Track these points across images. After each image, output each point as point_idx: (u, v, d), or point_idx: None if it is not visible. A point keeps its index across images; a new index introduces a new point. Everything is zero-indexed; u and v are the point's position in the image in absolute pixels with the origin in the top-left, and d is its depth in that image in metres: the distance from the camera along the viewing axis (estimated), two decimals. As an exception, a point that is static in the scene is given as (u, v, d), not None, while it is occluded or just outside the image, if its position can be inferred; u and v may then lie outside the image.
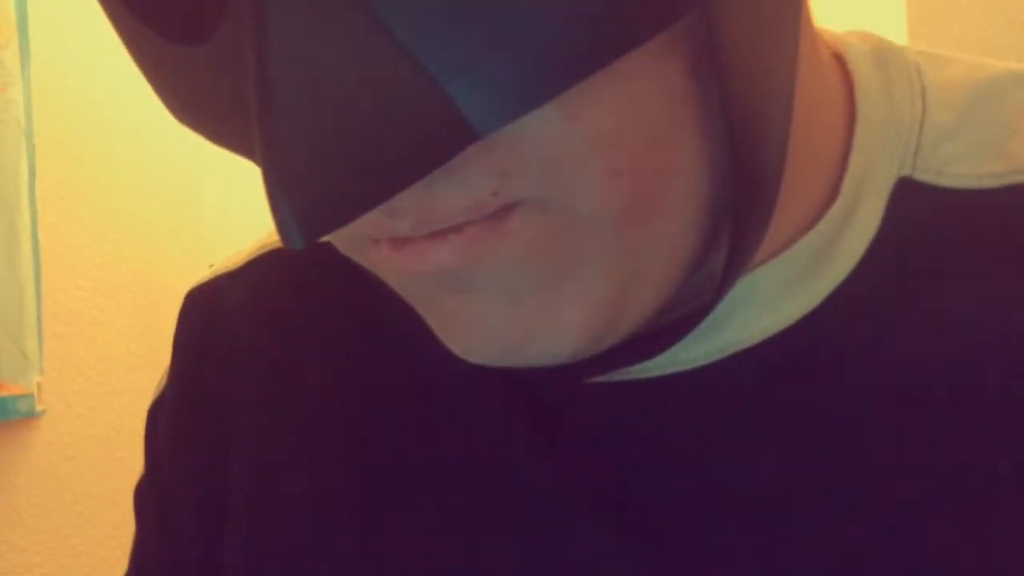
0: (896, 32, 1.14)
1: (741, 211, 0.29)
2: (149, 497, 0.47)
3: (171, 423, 0.45)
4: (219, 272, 0.46)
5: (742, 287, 0.33)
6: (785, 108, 0.29)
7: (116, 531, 1.42)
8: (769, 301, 0.34)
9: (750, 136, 0.28)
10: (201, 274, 0.48)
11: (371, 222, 0.27)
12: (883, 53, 0.36)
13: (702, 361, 0.34)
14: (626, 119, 0.26)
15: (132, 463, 0.47)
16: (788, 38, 0.29)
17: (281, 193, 0.23)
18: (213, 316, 0.45)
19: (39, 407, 1.35)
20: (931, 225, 0.34)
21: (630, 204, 0.27)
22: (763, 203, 0.30)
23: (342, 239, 0.31)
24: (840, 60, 0.36)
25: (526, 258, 0.28)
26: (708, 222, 0.30)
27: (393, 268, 0.29)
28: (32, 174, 1.35)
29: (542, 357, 0.30)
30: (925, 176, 0.35)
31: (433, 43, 0.23)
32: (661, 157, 0.27)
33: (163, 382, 0.47)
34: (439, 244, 0.27)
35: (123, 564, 0.49)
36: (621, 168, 0.26)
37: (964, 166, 0.35)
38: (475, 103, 0.23)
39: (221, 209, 1.54)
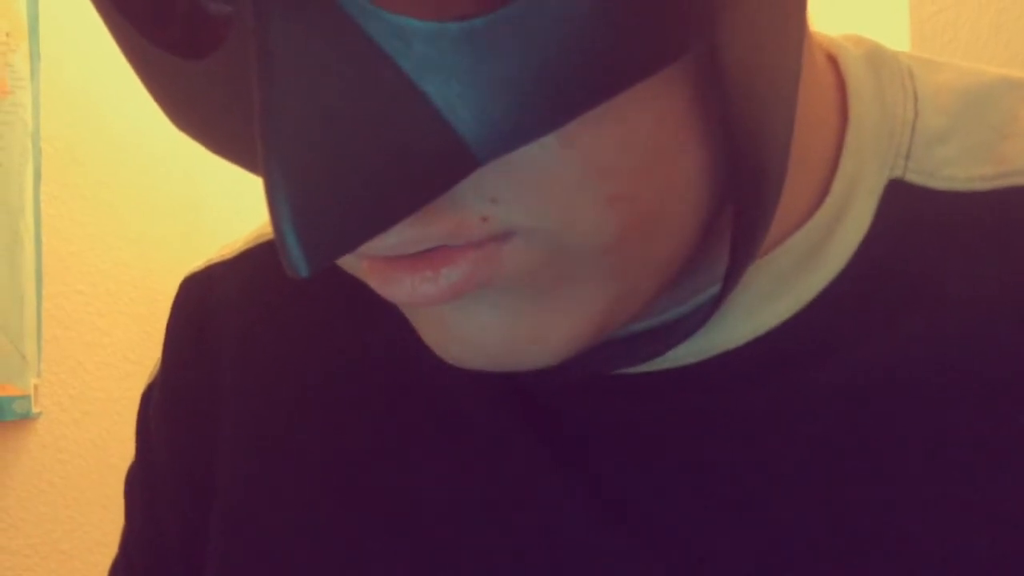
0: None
1: (743, 222, 0.29)
2: (138, 482, 0.47)
3: (161, 408, 0.45)
4: (215, 260, 0.46)
5: None
6: (788, 117, 0.29)
7: (107, 537, 1.42)
8: (758, 299, 0.34)
9: (754, 151, 0.28)
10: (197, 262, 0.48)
11: None
12: (876, 57, 0.37)
13: (692, 359, 0.34)
14: (624, 145, 0.26)
15: (125, 470, 0.47)
16: (792, 50, 0.29)
17: (286, 220, 0.23)
18: (206, 303, 0.45)
19: (35, 409, 1.35)
20: (922, 226, 0.34)
21: (627, 229, 0.27)
22: (765, 210, 0.30)
23: None
24: (833, 62, 0.37)
25: (520, 281, 0.28)
26: (702, 231, 0.30)
27: (384, 294, 0.29)
28: (37, 177, 1.35)
29: (531, 365, 0.30)
30: (917, 178, 0.35)
31: (435, 72, 0.23)
32: (659, 179, 0.27)
33: (156, 367, 0.47)
34: (431, 282, 0.27)
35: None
36: (618, 194, 0.26)
37: (956, 169, 0.35)
38: (476, 130, 0.23)
39: (223, 220, 1.55)
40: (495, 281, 0.28)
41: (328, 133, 0.23)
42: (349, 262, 0.30)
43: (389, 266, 0.28)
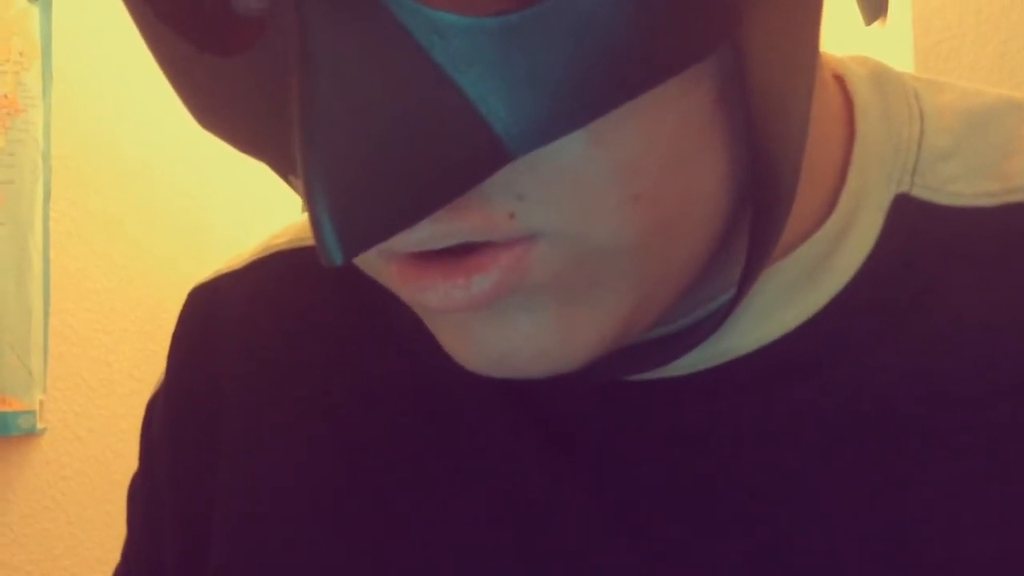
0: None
1: (758, 228, 0.30)
2: (140, 491, 0.47)
3: (163, 418, 0.45)
4: (222, 271, 0.47)
5: None
6: (802, 128, 0.30)
7: (109, 554, 1.41)
8: (766, 308, 0.34)
9: (771, 157, 0.29)
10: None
11: None
12: (881, 76, 0.37)
13: (700, 366, 0.35)
14: (649, 145, 0.27)
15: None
16: (808, 61, 0.30)
17: (323, 210, 0.23)
18: (213, 314, 0.45)
19: (40, 425, 1.36)
20: (928, 240, 0.35)
21: (650, 229, 0.28)
22: (777, 218, 0.30)
23: None
24: (840, 81, 0.37)
25: (547, 284, 0.29)
26: (721, 236, 0.31)
27: (415, 300, 0.29)
28: (47, 195, 1.37)
29: (554, 371, 0.31)
30: (923, 193, 0.35)
31: (470, 66, 0.23)
32: (682, 181, 0.28)
33: (161, 377, 0.47)
34: (462, 289, 0.28)
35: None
36: (641, 193, 0.27)
37: (961, 185, 0.36)
38: (510, 125, 0.24)
39: (229, 239, 1.55)
40: (524, 286, 0.28)
41: (365, 125, 0.24)
42: (377, 268, 0.30)
43: (421, 272, 0.28)
